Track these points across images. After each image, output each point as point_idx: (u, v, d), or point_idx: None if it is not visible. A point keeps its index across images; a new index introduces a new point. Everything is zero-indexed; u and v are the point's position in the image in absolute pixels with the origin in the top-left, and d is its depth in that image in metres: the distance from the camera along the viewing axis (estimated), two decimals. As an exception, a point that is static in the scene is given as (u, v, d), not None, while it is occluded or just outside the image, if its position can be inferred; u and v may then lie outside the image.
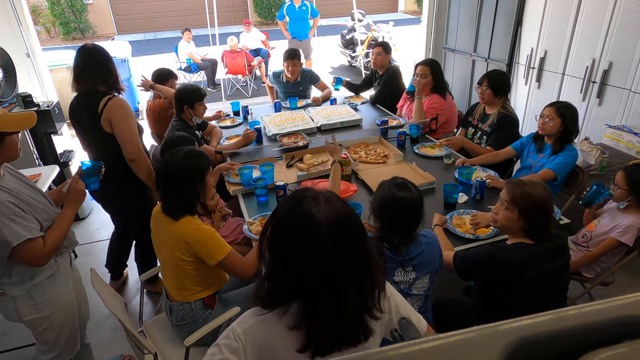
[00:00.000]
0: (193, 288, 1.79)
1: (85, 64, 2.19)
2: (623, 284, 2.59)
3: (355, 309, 0.99)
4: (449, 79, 5.16)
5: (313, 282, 0.96)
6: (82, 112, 2.25)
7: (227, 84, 7.58)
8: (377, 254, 1.49)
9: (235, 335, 1.01)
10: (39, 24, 13.11)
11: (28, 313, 1.68)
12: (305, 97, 4.12)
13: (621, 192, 2.10)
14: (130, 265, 3.17)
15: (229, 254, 1.70)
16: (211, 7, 6.85)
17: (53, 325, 1.75)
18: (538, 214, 1.57)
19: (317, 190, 1.02)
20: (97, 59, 2.21)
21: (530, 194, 1.59)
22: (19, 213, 1.50)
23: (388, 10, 16.20)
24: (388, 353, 0.36)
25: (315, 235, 0.94)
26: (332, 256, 0.95)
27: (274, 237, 1.00)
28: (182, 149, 1.79)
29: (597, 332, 0.36)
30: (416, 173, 2.57)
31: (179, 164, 1.73)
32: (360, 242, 1.00)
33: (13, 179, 1.61)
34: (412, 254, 1.58)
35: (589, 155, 2.83)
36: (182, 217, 1.71)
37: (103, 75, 2.21)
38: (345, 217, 0.98)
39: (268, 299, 1.02)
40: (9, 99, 3.39)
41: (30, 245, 1.51)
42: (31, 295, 1.65)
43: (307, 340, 0.98)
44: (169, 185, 1.73)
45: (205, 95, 2.90)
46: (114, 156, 2.26)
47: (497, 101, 2.82)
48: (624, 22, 3.05)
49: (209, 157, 1.85)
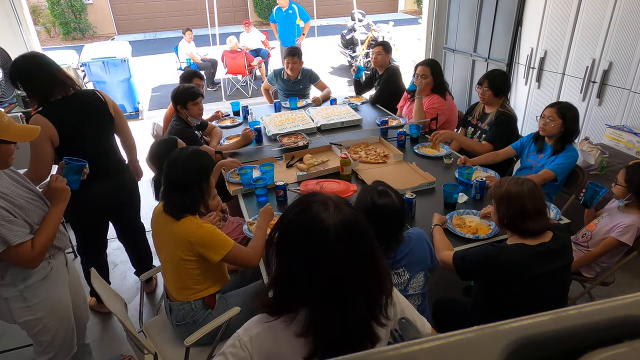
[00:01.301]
0: (194, 287, 1.80)
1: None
2: (623, 284, 2.59)
3: (362, 316, 0.98)
4: (449, 79, 5.16)
5: (321, 288, 0.94)
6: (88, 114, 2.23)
7: (227, 84, 7.58)
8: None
9: (241, 344, 1.00)
10: (39, 24, 13.10)
11: (21, 315, 1.67)
12: (305, 96, 4.12)
13: (620, 189, 2.11)
14: (130, 265, 3.17)
15: (232, 247, 1.72)
16: (211, 7, 6.84)
17: (47, 327, 1.74)
18: (509, 208, 1.61)
19: (326, 195, 1.00)
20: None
21: (506, 189, 1.62)
22: (8, 217, 1.49)
23: (388, 10, 16.19)
24: (388, 353, 0.36)
25: (324, 240, 0.93)
26: (340, 262, 0.94)
27: (282, 242, 0.98)
28: (187, 149, 1.80)
29: (597, 332, 0.36)
30: (416, 173, 2.57)
31: (184, 163, 1.74)
32: (368, 248, 0.98)
33: (8, 181, 1.60)
34: (401, 255, 1.58)
35: (589, 155, 2.83)
36: (184, 216, 1.71)
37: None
38: (354, 222, 0.96)
39: (275, 306, 1.00)
40: (9, 99, 3.40)
41: (18, 249, 1.50)
42: (24, 297, 1.65)
43: (314, 347, 0.97)
44: (174, 185, 1.74)
45: (200, 95, 2.86)
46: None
47: (497, 101, 2.83)
48: (624, 22, 3.05)
49: (212, 157, 1.86)
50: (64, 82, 2.09)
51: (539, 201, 1.60)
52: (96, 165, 2.00)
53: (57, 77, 2.08)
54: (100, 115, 2.24)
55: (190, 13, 14.06)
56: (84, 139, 2.15)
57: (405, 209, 1.57)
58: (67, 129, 2.07)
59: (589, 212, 2.37)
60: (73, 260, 3.24)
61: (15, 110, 3.28)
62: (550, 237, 1.62)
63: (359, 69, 4.08)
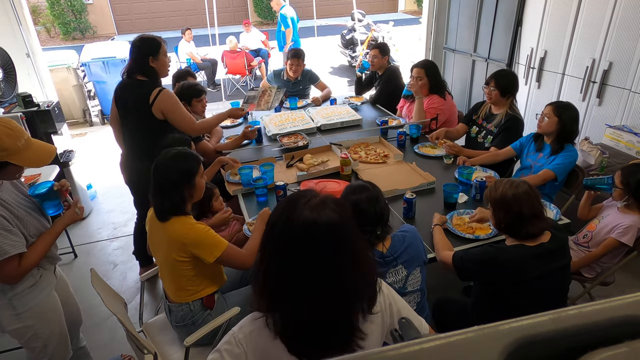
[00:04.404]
0: (190, 288, 1.79)
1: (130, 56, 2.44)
2: (623, 284, 2.59)
3: (335, 316, 0.96)
4: (449, 79, 5.17)
5: (284, 287, 0.94)
6: (129, 99, 2.45)
7: (227, 84, 7.58)
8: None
9: (236, 341, 1.01)
10: (39, 24, 13.10)
11: (10, 323, 1.65)
12: (305, 96, 4.12)
13: (617, 192, 2.11)
14: (130, 265, 3.17)
15: (226, 248, 1.70)
16: (211, 7, 6.85)
17: (38, 333, 1.72)
18: (506, 213, 1.60)
19: (313, 194, 0.99)
20: (135, 51, 2.41)
21: (502, 193, 1.61)
22: (7, 227, 1.48)
23: (388, 10, 16.20)
24: (388, 353, 0.36)
25: (289, 238, 0.93)
26: (304, 261, 0.93)
27: (264, 238, 0.99)
28: (172, 150, 1.76)
29: (597, 332, 0.36)
30: (416, 173, 2.57)
31: (166, 165, 1.70)
32: (340, 250, 0.95)
33: (10, 189, 1.60)
34: (398, 252, 1.58)
35: (589, 155, 2.83)
36: (169, 218, 1.69)
37: (141, 66, 2.41)
38: (327, 223, 0.94)
39: (256, 304, 1.01)
40: (9, 99, 3.40)
41: (5, 263, 1.48)
42: (13, 306, 1.63)
43: (289, 348, 0.97)
44: (156, 186, 1.70)
45: (204, 92, 2.88)
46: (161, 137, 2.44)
47: (504, 101, 2.78)
48: (624, 22, 3.05)
49: (199, 158, 1.80)
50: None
51: (535, 204, 1.59)
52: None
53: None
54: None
55: (190, 13, 14.06)
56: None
57: (383, 198, 1.56)
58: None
59: (584, 204, 2.34)
60: (74, 260, 3.25)
61: (15, 110, 3.28)
62: (549, 238, 1.62)
63: (363, 65, 4.06)
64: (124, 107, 2.50)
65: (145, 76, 2.42)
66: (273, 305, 0.97)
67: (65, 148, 3.61)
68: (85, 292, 2.85)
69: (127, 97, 2.46)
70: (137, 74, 2.42)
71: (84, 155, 4.46)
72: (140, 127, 2.49)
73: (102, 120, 6.30)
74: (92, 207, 3.97)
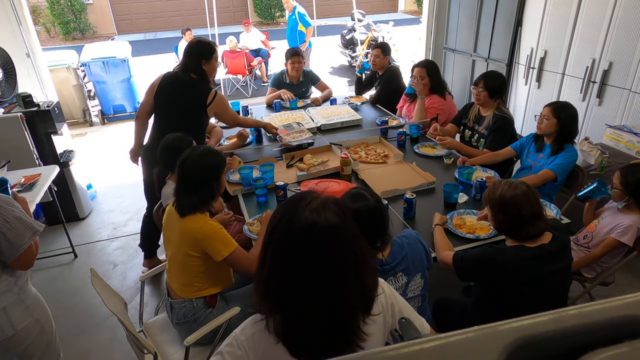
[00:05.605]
0: (197, 284, 1.81)
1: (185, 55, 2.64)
2: (623, 284, 2.59)
3: (339, 316, 0.95)
4: (449, 79, 5.17)
5: (295, 289, 0.94)
6: (183, 95, 2.61)
7: (227, 84, 7.58)
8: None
9: (238, 343, 1.00)
10: (39, 24, 13.10)
11: (23, 319, 1.66)
12: (306, 97, 4.12)
13: (617, 192, 2.11)
14: (130, 265, 3.17)
15: (235, 249, 1.73)
16: (211, 7, 6.85)
17: (44, 328, 1.75)
18: (505, 215, 1.60)
19: (314, 195, 0.99)
20: (189, 52, 2.63)
21: (500, 194, 1.60)
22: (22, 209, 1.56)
23: (388, 10, 16.19)
24: (388, 353, 0.36)
25: (295, 239, 0.93)
26: (302, 264, 0.92)
27: (265, 241, 0.98)
28: (200, 147, 1.83)
29: (597, 332, 0.36)
30: (416, 173, 2.57)
31: (196, 162, 1.76)
32: (340, 253, 0.94)
33: None
34: (397, 260, 1.56)
35: (589, 155, 2.83)
36: (192, 214, 1.73)
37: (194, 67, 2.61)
38: (327, 225, 0.93)
39: (261, 306, 1.00)
40: (9, 99, 3.39)
41: (31, 246, 1.56)
42: (22, 300, 1.66)
43: (294, 349, 0.96)
44: (185, 183, 1.76)
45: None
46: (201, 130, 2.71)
47: (492, 103, 2.79)
48: (624, 22, 3.05)
49: (223, 156, 1.89)
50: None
51: (534, 205, 1.59)
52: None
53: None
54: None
55: (190, 13, 14.06)
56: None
57: (383, 208, 1.52)
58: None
59: (588, 209, 2.36)
60: (74, 259, 3.25)
61: (15, 110, 3.28)
62: (549, 239, 1.61)
63: (363, 65, 4.06)
64: (170, 101, 2.63)
65: (197, 76, 2.62)
66: (275, 308, 0.97)
67: (65, 148, 3.61)
68: (85, 292, 2.85)
69: (180, 93, 2.61)
70: (190, 72, 2.61)
71: (84, 156, 4.46)
72: (187, 122, 2.60)
73: (102, 120, 6.30)
74: (92, 207, 3.97)
